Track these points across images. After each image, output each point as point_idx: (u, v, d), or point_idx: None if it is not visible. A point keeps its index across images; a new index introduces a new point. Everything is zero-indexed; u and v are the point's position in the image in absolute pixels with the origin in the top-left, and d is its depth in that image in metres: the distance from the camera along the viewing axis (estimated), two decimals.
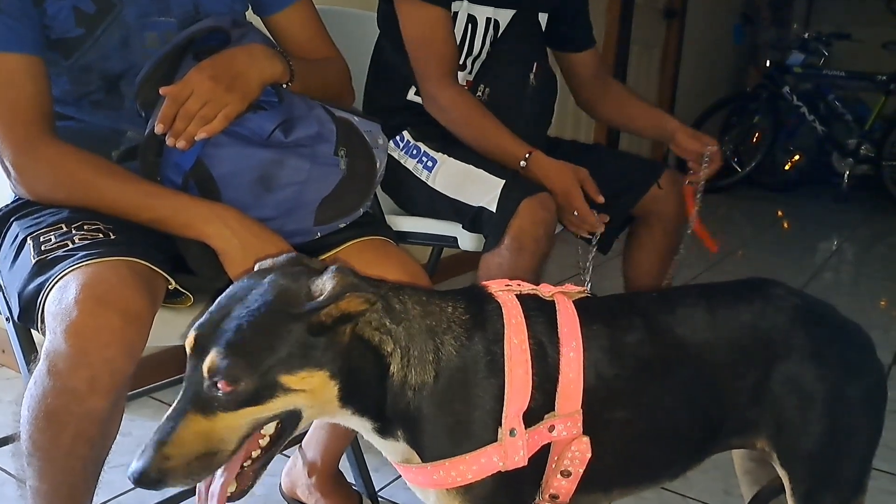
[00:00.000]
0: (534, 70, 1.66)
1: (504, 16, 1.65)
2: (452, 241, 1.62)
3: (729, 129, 5.12)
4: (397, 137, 1.65)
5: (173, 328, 1.11)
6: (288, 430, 0.79)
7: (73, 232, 1.00)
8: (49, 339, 0.90)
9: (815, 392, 0.91)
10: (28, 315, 0.96)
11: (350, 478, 1.50)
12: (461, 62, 1.64)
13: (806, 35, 5.08)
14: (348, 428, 1.36)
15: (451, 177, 1.56)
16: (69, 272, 0.92)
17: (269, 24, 1.30)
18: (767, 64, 5.05)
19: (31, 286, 0.95)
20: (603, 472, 0.87)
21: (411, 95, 1.67)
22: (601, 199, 1.49)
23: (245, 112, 1.05)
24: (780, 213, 4.81)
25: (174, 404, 0.75)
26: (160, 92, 1.03)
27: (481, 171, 1.51)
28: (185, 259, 1.07)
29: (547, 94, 1.71)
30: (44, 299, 0.93)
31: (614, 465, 0.89)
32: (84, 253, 0.94)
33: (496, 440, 0.80)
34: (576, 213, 1.48)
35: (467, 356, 0.81)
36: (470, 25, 1.64)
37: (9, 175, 1.07)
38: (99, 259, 0.93)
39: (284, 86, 1.13)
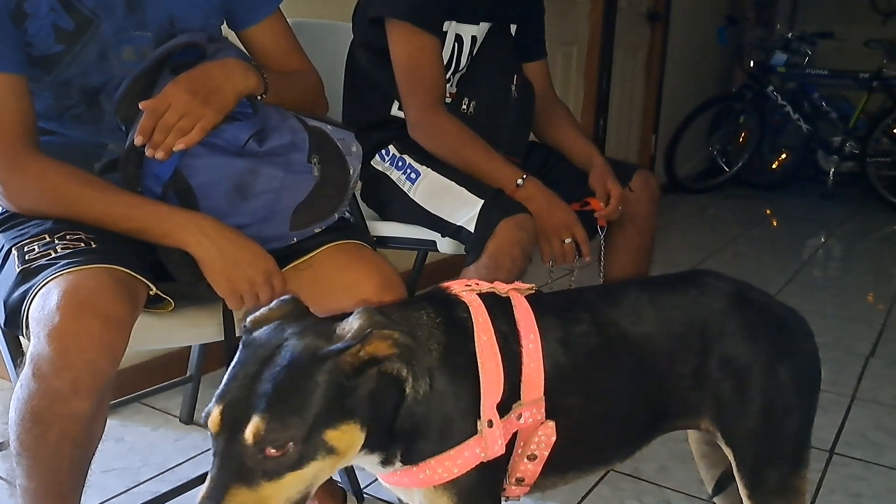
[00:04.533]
0: (514, 82, 1.70)
1: (481, 29, 1.70)
2: (432, 244, 1.66)
3: (715, 129, 5.18)
4: (383, 151, 1.68)
5: (155, 332, 1.16)
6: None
7: (56, 241, 1.04)
8: (33, 343, 0.94)
9: (748, 373, 0.96)
10: (13, 321, 1.00)
11: (335, 475, 1.54)
12: (446, 77, 1.67)
13: (790, 35, 5.14)
14: None
15: (433, 190, 1.59)
16: (52, 279, 0.96)
17: (243, 38, 1.35)
18: (752, 64, 5.11)
19: (16, 294, 0.99)
20: (560, 455, 0.91)
21: (395, 111, 1.69)
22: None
23: (221, 123, 1.10)
24: (767, 211, 4.86)
25: (207, 485, 0.70)
26: (139, 106, 1.07)
27: (462, 189, 1.55)
28: (165, 266, 1.11)
29: (527, 103, 1.75)
30: (28, 306, 0.97)
31: (570, 449, 0.93)
32: (66, 261, 0.99)
33: (475, 433, 0.83)
34: (568, 240, 1.54)
35: (447, 358, 0.85)
36: (456, 44, 1.68)
37: None
38: (80, 267, 0.97)
39: (259, 98, 1.17)
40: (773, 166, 5.28)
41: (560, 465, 0.94)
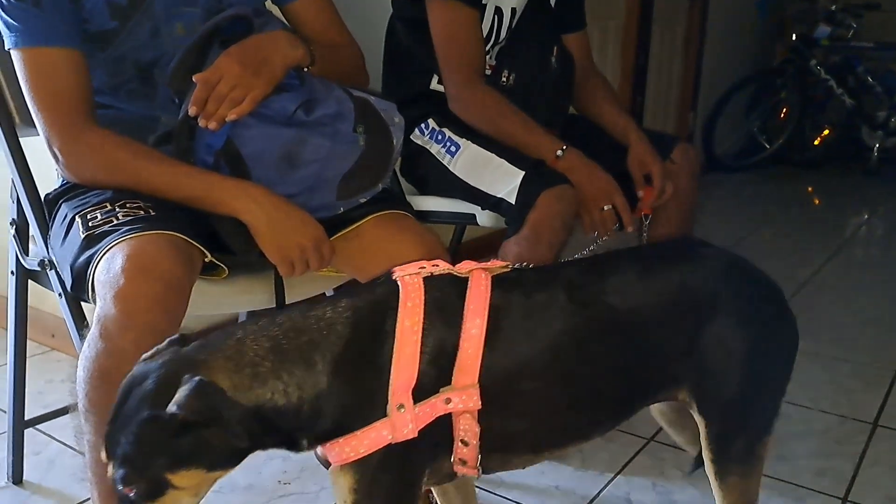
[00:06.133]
0: (554, 53, 1.69)
1: (521, 1, 1.69)
2: (471, 218, 1.67)
3: (755, 105, 5.07)
4: (422, 125, 1.69)
5: (211, 298, 1.21)
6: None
7: (117, 209, 1.09)
8: (99, 304, 0.99)
9: (735, 344, 0.95)
10: (80, 285, 1.05)
11: None
12: (486, 50, 1.67)
13: (833, 7, 4.99)
14: None
15: (472, 163, 1.60)
16: (115, 245, 1.01)
17: (285, 12, 1.37)
18: (794, 38, 4.98)
19: (82, 259, 1.04)
20: (525, 436, 0.91)
21: (434, 84, 1.70)
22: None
23: (270, 94, 1.13)
24: (809, 188, 4.76)
25: None
26: (193, 79, 1.11)
27: (503, 160, 1.55)
28: (219, 235, 1.15)
29: (567, 75, 1.74)
30: (93, 270, 1.02)
31: (538, 430, 0.93)
32: (128, 227, 1.03)
33: (386, 417, 0.83)
34: (608, 207, 1.52)
35: (354, 349, 0.85)
36: (496, 17, 1.67)
37: (56, 160, 1.16)
38: (141, 233, 1.02)
39: (305, 69, 1.20)
40: (815, 143, 5.16)
41: (528, 443, 0.94)
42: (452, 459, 0.90)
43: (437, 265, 0.92)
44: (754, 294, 1.00)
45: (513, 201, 1.52)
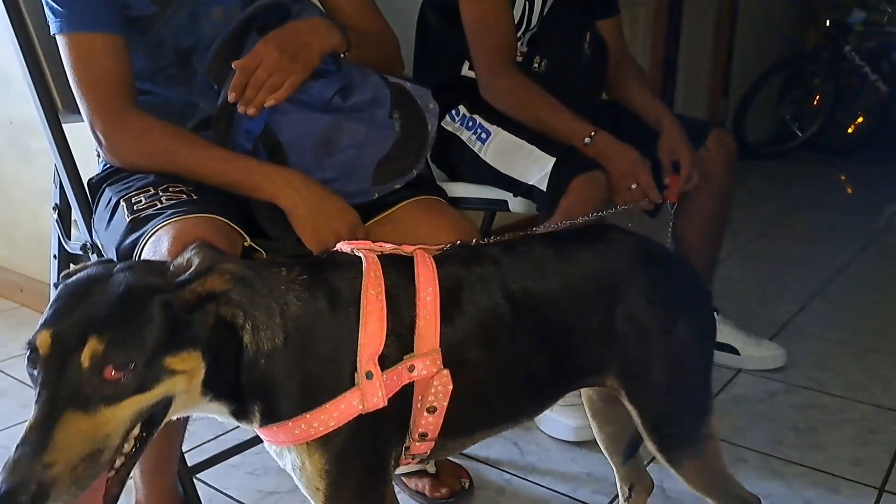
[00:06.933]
0: (587, 39, 1.69)
1: None
2: (503, 204, 1.68)
3: (788, 92, 4.99)
4: (453, 112, 1.69)
5: None
6: (155, 426, 0.75)
7: (161, 193, 1.11)
8: None
9: (652, 329, 0.96)
10: None
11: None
12: (517, 36, 1.67)
13: None
14: None
15: (503, 150, 1.60)
16: (161, 227, 1.03)
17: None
18: (827, 24, 4.89)
19: (128, 241, 1.07)
20: (465, 413, 0.91)
21: (465, 71, 1.70)
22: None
23: (307, 80, 1.14)
24: (842, 176, 4.68)
25: (36, 411, 0.67)
26: (232, 65, 1.12)
27: (533, 147, 1.55)
28: (257, 221, 1.16)
29: (600, 61, 1.73)
30: (140, 252, 1.04)
31: (474, 407, 0.92)
32: (172, 211, 1.05)
33: (353, 387, 0.82)
34: (636, 185, 1.51)
35: (313, 312, 0.83)
36: (527, 3, 1.67)
37: (99, 144, 1.18)
38: (186, 216, 1.04)
39: (342, 55, 1.21)
40: (849, 130, 5.07)
41: (466, 423, 0.94)
42: (410, 437, 0.89)
43: (383, 246, 0.93)
44: (667, 279, 1.01)
45: (544, 188, 1.52)
